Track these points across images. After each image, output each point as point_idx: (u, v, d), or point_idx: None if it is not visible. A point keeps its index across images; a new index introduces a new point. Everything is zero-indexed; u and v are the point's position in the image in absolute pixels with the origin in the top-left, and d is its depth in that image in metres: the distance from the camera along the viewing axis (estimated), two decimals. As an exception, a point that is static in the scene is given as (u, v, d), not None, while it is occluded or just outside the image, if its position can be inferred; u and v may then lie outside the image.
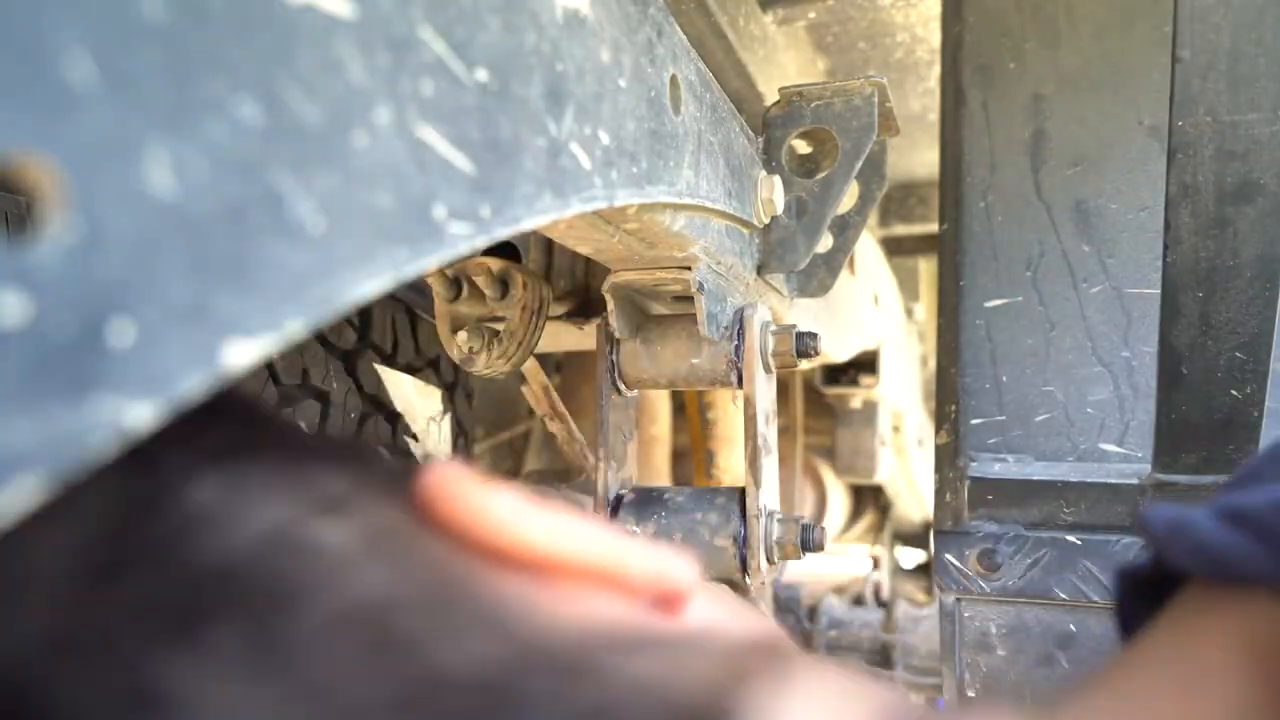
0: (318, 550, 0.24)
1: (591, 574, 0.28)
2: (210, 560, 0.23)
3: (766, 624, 0.35)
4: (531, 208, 0.36)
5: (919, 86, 1.48)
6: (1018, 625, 0.82)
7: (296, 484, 0.26)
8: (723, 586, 0.76)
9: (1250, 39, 0.54)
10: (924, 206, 2.01)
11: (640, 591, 0.29)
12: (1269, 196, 0.58)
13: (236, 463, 0.26)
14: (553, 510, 0.29)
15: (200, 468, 0.25)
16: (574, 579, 0.27)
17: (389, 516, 0.26)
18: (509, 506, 0.27)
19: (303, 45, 0.24)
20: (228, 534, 0.24)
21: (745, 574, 0.75)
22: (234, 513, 0.24)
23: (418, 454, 1.27)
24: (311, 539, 0.24)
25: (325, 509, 0.25)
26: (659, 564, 0.30)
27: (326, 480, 0.27)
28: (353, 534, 0.25)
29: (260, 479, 0.26)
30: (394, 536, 0.26)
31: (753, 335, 0.75)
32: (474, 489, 0.27)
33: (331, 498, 0.26)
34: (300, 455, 0.28)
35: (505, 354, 0.79)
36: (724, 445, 1.43)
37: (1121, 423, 0.83)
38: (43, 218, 0.18)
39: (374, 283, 0.27)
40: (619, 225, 0.58)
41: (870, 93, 0.77)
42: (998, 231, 0.89)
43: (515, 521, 0.27)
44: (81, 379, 0.18)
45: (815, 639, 2.01)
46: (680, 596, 0.31)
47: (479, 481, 0.27)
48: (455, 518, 0.27)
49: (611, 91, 0.44)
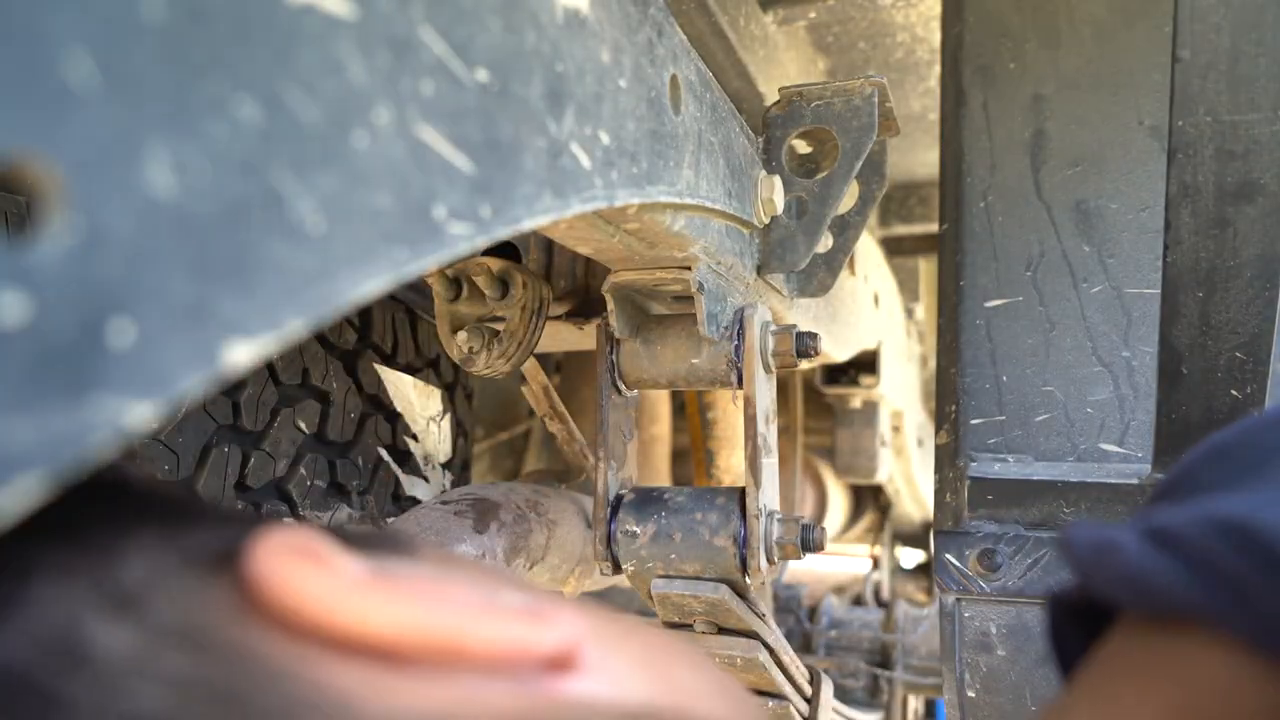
0: (94, 658, 0.21)
1: (440, 652, 0.25)
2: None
3: (673, 682, 0.31)
4: (531, 208, 0.36)
5: (919, 86, 1.48)
6: (1018, 625, 0.82)
7: (90, 573, 0.23)
8: (657, 628, 0.76)
9: (1250, 39, 0.54)
10: (924, 206, 2.01)
11: (501, 663, 0.26)
12: (1269, 196, 0.58)
13: (25, 548, 0.23)
14: (399, 581, 0.27)
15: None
16: (425, 660, 0.25)
17: (192, 610, 0.23)
18: (338, 586, 0.24)
19: (303, 45, 0.24)
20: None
21: (745, 574, 0.75)
22: (6, 614, 0.22)
23: (416, 454, 1.27)
24: (90, 644, 0.22)
25: (115, 605, 0.23)
26: (516, 631, 0.26)
27: (127, 566, 0.24)
28: (139, 637, 0.22)
29: (49, 568, 0.23)
30: (190, 637, 0.23)
31: (753, 335, 0.75)
32: (299, 567, 0.24)
33: (125, 591, 0.23)
34: (105, 533, 0.25)
35: (505, 354, 0.79)
36: (724, 445, 1.43)
37: (1121, 423, 0.83)
38: (43, 218, 0.18)
39: (374, 283, 0.27)
40: (619, 225, 0.58)
41: (870, 93, 0.77)
42: (998, 231, 0.88)
43: (347, 603, 0.24)
44: (81, 379, 0.18)
45: (815, 639, 2.01)
46: (562, 657, 0.27)
47: (312, 553, 0.25)
48: (279, 601, 0.24)
49: (611, 92, 0.44)
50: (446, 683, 0.25)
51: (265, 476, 1.02)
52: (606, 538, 0.78)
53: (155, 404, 0.20)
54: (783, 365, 0.79)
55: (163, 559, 0.25)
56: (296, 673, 0.23)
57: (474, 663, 0.25)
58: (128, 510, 0.27)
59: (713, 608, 0.77)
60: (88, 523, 0.25)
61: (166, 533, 0.26)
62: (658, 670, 0.31)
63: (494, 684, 0.25)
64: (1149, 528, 0.32)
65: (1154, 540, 0.31)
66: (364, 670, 0.24)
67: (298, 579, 0.24)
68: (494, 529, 0.82)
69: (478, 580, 0.30)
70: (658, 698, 0.29)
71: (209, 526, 0.27)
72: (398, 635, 0.24)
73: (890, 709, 1.90)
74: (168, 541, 0.26)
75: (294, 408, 1.05)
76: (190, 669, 0.22)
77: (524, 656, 0.26)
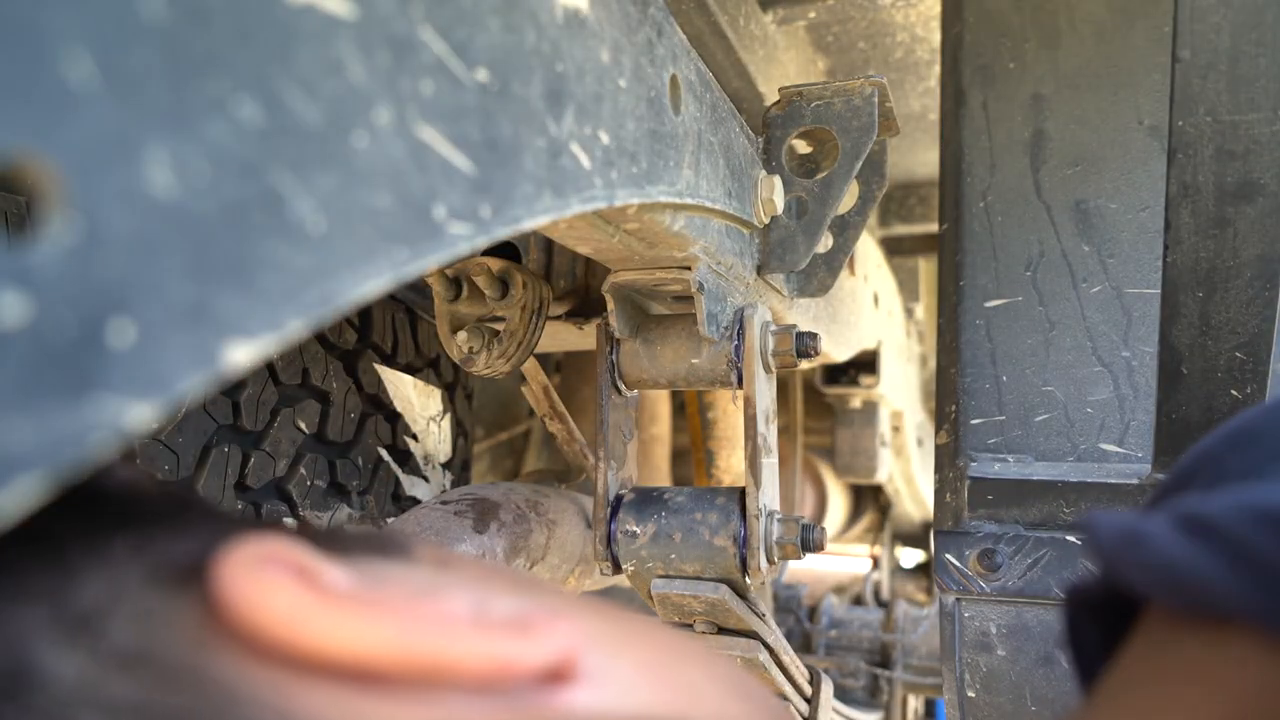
0: (41, 685, 0.21)
1: (419, 671, 0.23)
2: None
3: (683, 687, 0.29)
4: (531, 208, 0.36)
5: (919, 86, 1.48)
6: (1018, 625, 0.82)
7: (49, 595, 0.23)
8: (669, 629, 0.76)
9: (1250, 39, 0.54)
10: (924, 206, 2.01)
11: (485, 682, 0.24)
12: (1269, 196, 0.58)
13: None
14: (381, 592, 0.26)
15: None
16: (403, 680, 0.23)
17: (150, 632, 0.22)
18: (306, 603, 0.23)
19: (303, 45, 0.24)
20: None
21: (745, 574, 0.75)
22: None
23: (416, 454, 1.27)
24: (38, 670, 0.21)
25: (68, 628, 0.22)
26: (500, 648, 0.24)
27: (87, 586, 0.23)
28: (90, 662, 0.21)
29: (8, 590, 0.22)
30: (144, 661, 0.22)
31: (753, 335, 0.75)
32: (265, 582, 0.23)
33: (81, 612, 0.22)
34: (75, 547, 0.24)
35: (505, 354, 0.79)
36: (724, 445, 1.43)
37: (1121, 423, 0.83)
38: (43, 218, 0.18)
39: (374, 283, 0.27)
40: (619, 225, 0.58)
41: (870, 93, 0.77)
42: (998, 231, 0.88)
43: (314, 622, 0.22)
44: (81, 379, 0.18)
45: (815, 639, 2.01)
46: (558, 669, 0.26)
47: (284, 563, 0.23)
48: (242, 620, 0.22)
49: (611, 92, 0.44)
50: (426, 704, 0.23)
51: (265, 476, 1.02)
52: (606, 538, 0.78)
53: (155, 404, 0.20)
54: (783, 365, 0.79)
55: (126, 576, 0.24)
56: (258, 697, 0.22)
57: (456, 682, 0.24)
58: (104, 520, 0.26)
59: (713, 608, 0.77)
60: (59, 537, 0.24)
61: (139, 544, 0.25)
62: (667, 674, 0.30)
63: (480, 702, 0.24)
64: (1181, 515, 0.29)
65: (1187, 529, 0.28)
66: (335, 693, 0.23)
67: (263, 595, 0.23)
68: (494, 529, 0.82)
69: (473, 583, 0.29)
70: (665, 704, 0.28)
71: (188, 534, 0.26)
72: (372, 655, 0.23)
73: (890, 709, 1.90)
74: (137, 555, 0.25)
75: (294, 408, 1.05)
76: (141, 696, 0.21)
77: (509, 674, 0.24)
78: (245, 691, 0.22)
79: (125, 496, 0.28)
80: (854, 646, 1.98)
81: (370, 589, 0.26)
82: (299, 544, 0.25)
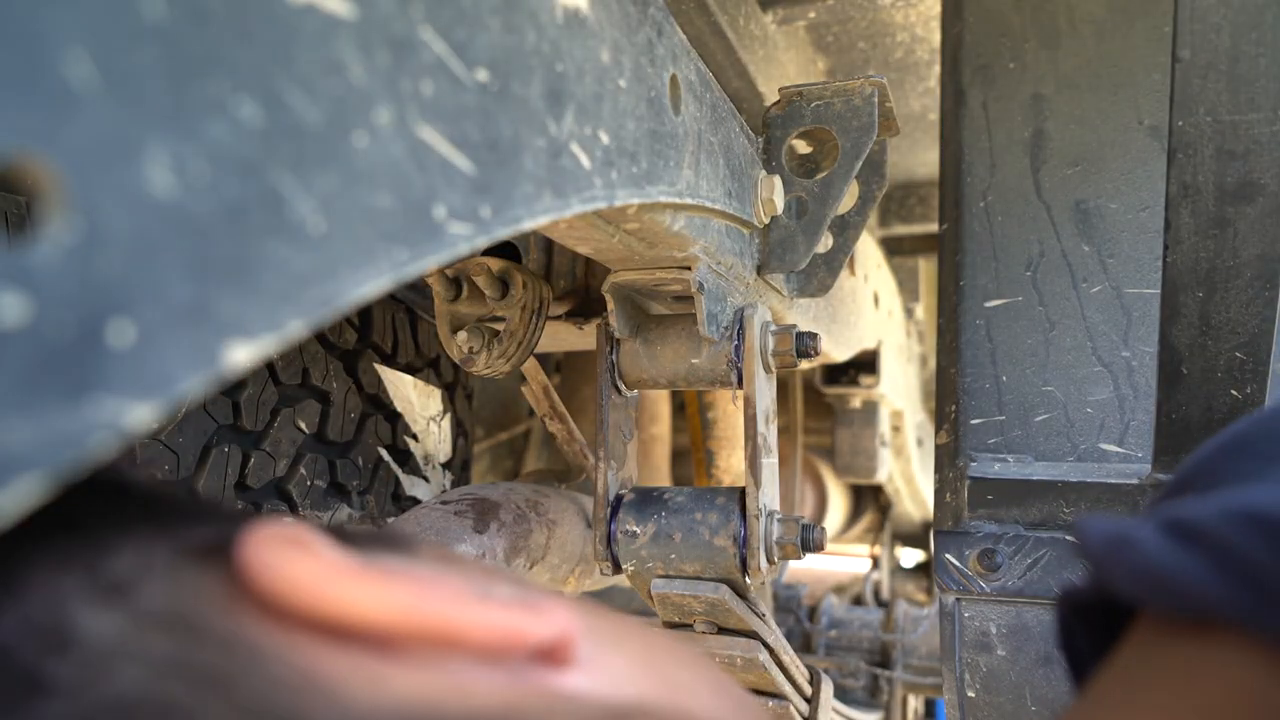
0: (78, 640, 0.22)
1: (430, 638, 0.25)
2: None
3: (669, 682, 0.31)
4: (531, 208, 0.36)
5: (919, 86, 1.48)
6: (1018, 625, 0.82)
7: (84, 564, 0.24)
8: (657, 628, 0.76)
9: (1250, 39, 0.54)
10: (924, 206, 2.01)
11: (491, 652, 0.26)
12: (1269, 196, 0.58)
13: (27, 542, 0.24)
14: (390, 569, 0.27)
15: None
16: (415, 646, 0.25)
17: (180, 596, 0.24)
18: (327, 572, 0.24)
19: (303, 45, 0.24)
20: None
21: (745, 574, 0.75)
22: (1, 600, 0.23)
23: (416, 454, 1.27)
24: (75, 627, 0.22)
25: (104, 591, 0.23)
26: (508, 619, 0.26)
27: (120, 557, 0.25)
28: (126, 620, 0.23)
29: (46, 560, 0.24)
30: (176, 621, 0.23)
31: (753, 335, 0.75)
32: (291, 554, 0.24)
33: (115, 579, 0.24)
34: (105, 527, 0.26)
35: (505, 354, 0.79)
36: (724, 445, 1.43)
37: (1121, 423, 0.83)
38: (43, 218, 0.18)
39: (374, 283, 0.27)
40: (619, 225, 0.58)
41: (870, 93, 0.77)
42: (998, 231, 0.88)
43: (335, 588, 0.24)
44: (81, 379, 0.18)
45: (815, 639, 2.01)
46: (555, 649, 0.27)
47: (303, 543, 0.25)
48: (268, 586, 0.24)
49: (611, 92, 0.44)
50: (436, 670, 0.25)
51: (265, 476, 1.02)
52: (606, 538, 0.78)
53: (155, 404, 0.20)
54: (783, 365, 0.79)
55: (156, 550, 0.25)
56: (283, 657, 0.23)
57: (464, 650, 0.25)
58: (129, 508, 0.27)
59: (713, 608, 0.77)
60: (90, 519, 0.26)
61: (163, 528, 0.27)
62: (654, 669, 0.31)
63: (484, 673, 0.25)
64: (1168, 520, 0.29)
65: (1174, 534, 0.29)
66: (353, 656, 0.24)
67: (287, 564, 0.24)
68: (494, 529, 0.82)
69: (474, 576, 0.30)
70: (652, 696, 0.29)
71: (205, 523, 0.27)
72: (387, 621, 0.24)
73: (890, 709, 1.90)
74: (163, 535, 0.26)
75: (294, 408, 1.05)
76: (175, 651, 0.22)
77: (515, 645, 0.26)
78: (271, 651, 0.23)
79: (147, 493, 0.29)
80: (854, 646, 1.98)
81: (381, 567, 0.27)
82: (313, 530, 0.26)
